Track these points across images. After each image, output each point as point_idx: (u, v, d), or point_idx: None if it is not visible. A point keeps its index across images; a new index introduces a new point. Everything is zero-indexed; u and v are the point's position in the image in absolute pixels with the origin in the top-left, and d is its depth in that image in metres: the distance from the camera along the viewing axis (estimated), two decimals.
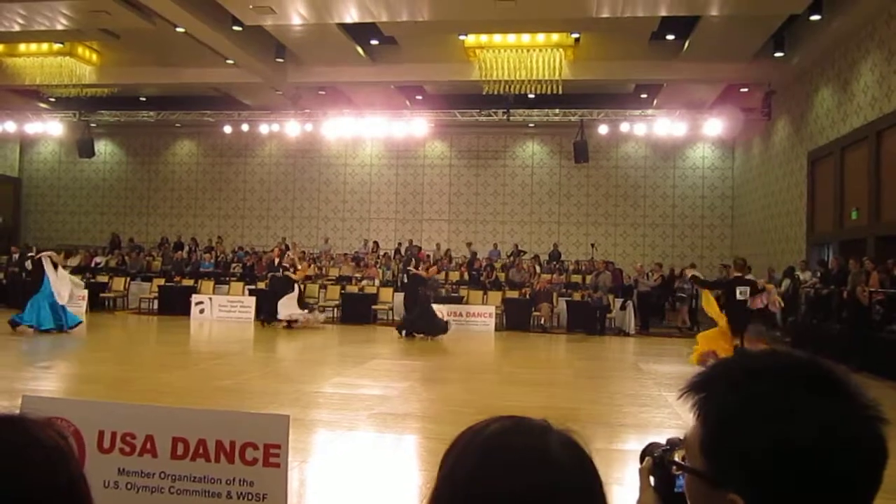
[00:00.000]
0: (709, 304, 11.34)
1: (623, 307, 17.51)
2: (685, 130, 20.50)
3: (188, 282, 19.63)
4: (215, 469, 3.44)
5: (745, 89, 19.92)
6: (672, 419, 7.57)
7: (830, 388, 0.87)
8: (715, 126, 20.01)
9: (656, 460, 1.12)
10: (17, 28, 16.64)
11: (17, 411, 0.92)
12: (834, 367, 0.90)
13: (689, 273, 12.01)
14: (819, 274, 14.66)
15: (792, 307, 15.20)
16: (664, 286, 18.74)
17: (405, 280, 14.62)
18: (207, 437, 3.45)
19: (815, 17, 14.77)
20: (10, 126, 23.25)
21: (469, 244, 22.87)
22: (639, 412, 7.99)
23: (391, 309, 18.40)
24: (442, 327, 14.73)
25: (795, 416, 0.84)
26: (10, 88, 21.99)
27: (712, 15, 14.75)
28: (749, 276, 11.55)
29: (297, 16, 15.30)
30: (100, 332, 15.61)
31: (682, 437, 1.13)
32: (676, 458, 1.07)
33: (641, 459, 1.17)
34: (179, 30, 16.20)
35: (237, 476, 3.42)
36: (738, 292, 10.97)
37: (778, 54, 16.96)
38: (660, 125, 20.30)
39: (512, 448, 0.89)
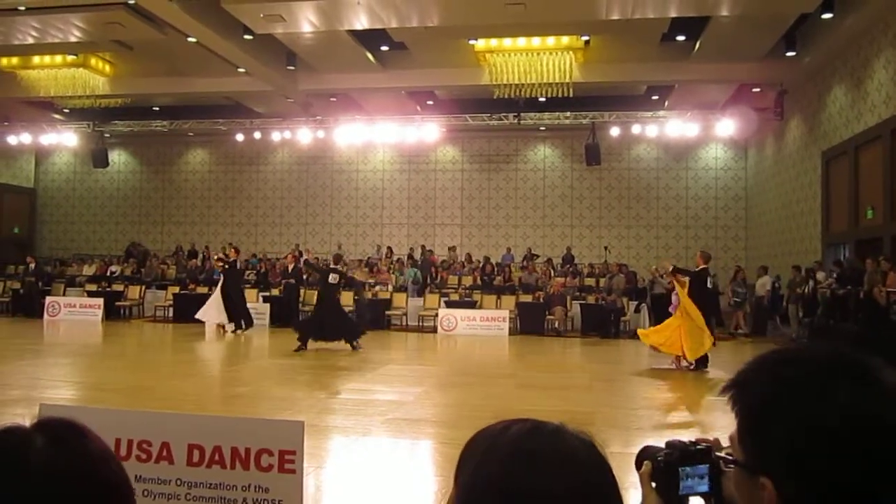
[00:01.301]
0: (684, 295, 11.28)
1: (637, 310, 17.45)
2: (697, 131, 20.41)
3: (202, 289, 19.72)
4: (231, 476, 3.45)
5: (758, 89, 19.82)
6: (687, 422, 7.53)
7: (862, 374, 0.88)
8: (727, 127, 19.91)
9: (658, 464, 1.12)
10: (31, 41, 16.81)
11: (35, 420, 0.94)
12: (868, 356, 0.90)
13: (668, 265, 11.99)
14: (835, 274, 14.54)
15: (809, 308, 15.11)
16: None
17: (332, 282, 13.54)
18: (223, 444, 3.46)
19: (827, 16, 14.67)
20: (25, 138, 23.47)
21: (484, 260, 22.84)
22: (655, 416, 7.95)
23: (405, 314, 18.43)
24: (358, 329, 13.84)
25: (824, 398, 0.86)
26: (25, 100, 22.22)
27: (723, 15, 14.70)
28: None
29: (307, 23, 15.37)
30: (115, 341, 15.71)
31: (688, 440, 1.13)
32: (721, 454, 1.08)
33: (638, 463, 1.16)
34: (191, 40, 16.32)
35: (253, 482, 3.43)
36: (708, 281, 11.96)
37: (790, 53, 16.86)
38: (671, 126, 20.22)
39: (539, 448, 0.91)
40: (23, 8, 14.81)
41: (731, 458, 0.99)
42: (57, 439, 0.89)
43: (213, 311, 15.85)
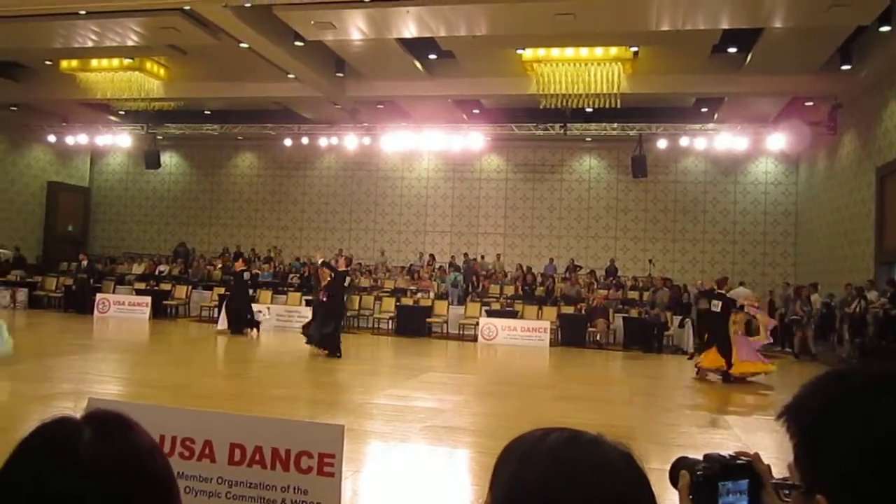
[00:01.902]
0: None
1: (681, 325, 17.19)
2: (747, 145, 20.07)
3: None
4: (271, 476, 3.50)
5: (810, 103, 19.40)
6: (731, 440, 7.39)
7: None
8: (778, 141, 19.53)
9: (697, 478, 1.09)
10: (90, 44, 17.30)
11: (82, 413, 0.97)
12: None
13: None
14: (889, 294, 14.14)
15: (858, 327, 14.71)
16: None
17: (333, 281, 13.04)
18: (264, 445, 3.51)
19: (885, 28, 14.30)
20: (81, 138, 24.16)
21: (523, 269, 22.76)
22: (696, 432, 7.82)
23: (446, 322, 18.46)
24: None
25: (876, 417, 0.85)
26: (83, 102, 22.87)
27: (776, 27, 14.45)
28: (721, 291, 12.63)
29: (356, 31, 15.54)
30: (161, 339, 16.03)
31: (725, 453, 1.11)
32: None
33: (673, 476, 1.13)
34: (243, 45, 16.62)
35: (292, 483, 3.47)
36: (711, 304, 12.48)
37: (845, 67, 16.48)
38: (721, 139, 19.92)
39: (577, 458, 0.90)
40: (83, 12, 15.25)
41: (788, 483, 0.98)
42: (105, 431, 0.91)
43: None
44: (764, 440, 7.70)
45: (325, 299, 13.12)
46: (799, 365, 15.64)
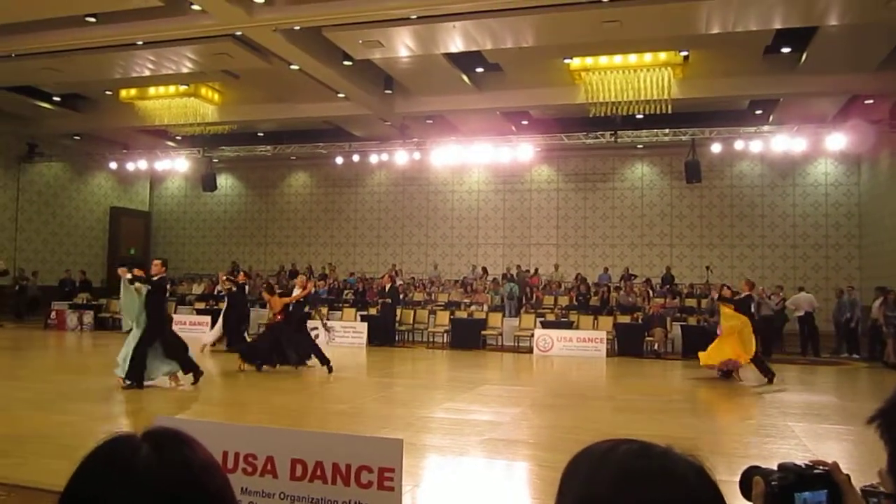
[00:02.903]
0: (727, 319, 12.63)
1: None
2: (805, 146, 19.53)
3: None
4: (332, 491, 3.53)
5: (871, 101, 18.81)
6: (799, 450, 7.16)
7: None
8: (838, 140, 18.95)
9: (772, 488, 1.05)
10: (147, 73, 17.87)
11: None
12: None
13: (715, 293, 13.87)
14: None
15: None
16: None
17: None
18: (324, 460, 3.54)
19: None
20: (141, 164, 24.92)
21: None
22: (762, 443, 7.60)
23: (500, 334, 18.39)
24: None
25: None
26: (141, 129, 23.63)
27: (831, 25, 14.08)
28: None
29: (404, 48, 15.70)
30: (220, 356, 16.32)
31: (801, 463, 1.07)
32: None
33: (743, 486, 1.09)
34: (293, 67, 16.95)
35: (353, 498, 3.49)
36: (751, 307, 13.44)
37: None
38: (777, 142, 19.44)
39: (648, 470, 0.89)
40: (140, 42, 15.79)
41: (879, 490, 0.94)
42: (161, 448, 0.93)
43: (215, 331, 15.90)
44: (834, 449, 7.45)
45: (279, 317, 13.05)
46: (869, 371, 15.10)
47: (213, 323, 16.74)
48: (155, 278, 10.61)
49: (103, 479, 0.90)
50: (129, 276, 10.66)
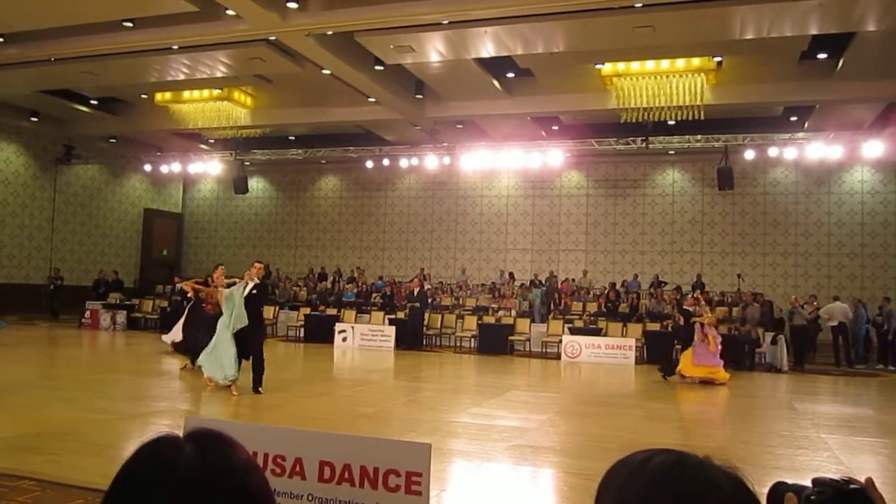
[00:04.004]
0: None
1: (774, 341, 16.54)
2: (840, 153, 19.21)
3: (332, 311, 20.42)
4: (359, 494, 3.54)
5: None
6: (831, 463, 7.04)
7: None
8: (875, 148, 18.61)
9: (813, 503, 1.02)
10: (181, 77, 18.14)
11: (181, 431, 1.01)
12: None
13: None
14: None
15: None
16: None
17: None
18: (352, 462, 3.56)
19: None
20: (175, 167, 25.27)
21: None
22: (794, 454, 7.48)
23: (528, 340, 18.33)
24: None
25: None
26: (175, 132, 23.98)
27: (869, 30, 13.85)
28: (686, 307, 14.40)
29: (435, 53, 15.75)
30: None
31: (837, 478, 1.04)
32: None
33: (775, 500, 1.06)
34: (325, 72, 17.09)
35: (380, 502, 3.50)
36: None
37: None
38: (812, 149, 19.15)
39: (681, 478, 0.87)
40: (176, 47, 16.03)
41: None
42: (204, 449, 0.94)
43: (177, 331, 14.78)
44: (869, 463, 7.31)
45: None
46: (884, 381, 14.81)
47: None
48: (255, 282, 10.37)
49: (147, 480, 0.91)
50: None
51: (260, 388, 10.21)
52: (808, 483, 1.06)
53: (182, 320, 14.32)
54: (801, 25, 13.64)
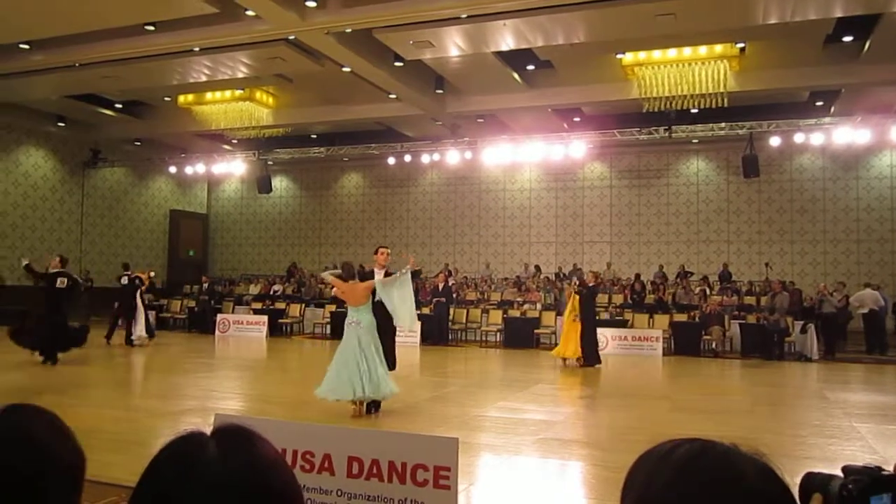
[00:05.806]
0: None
1: (804, 330, 16.33)
2: (869, 138, 18.89)
3: None
4: (388, 489, 3.56)
5: None
6: (865, 452, 6.94)
7: None
8: None
9: (848, 492, 1.01)
10: (203, 78, 18.31)
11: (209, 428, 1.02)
12: None
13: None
14: None
15: None
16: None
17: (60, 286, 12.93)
18: (380, 458, 3.57)
19: None
20: (199, 168, 25.51)
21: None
22: (826, 444, 7.39)
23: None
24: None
25: None
26: (199, 133, 24.20)
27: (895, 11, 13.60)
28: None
29: (454, 48, 15.72)
30: (278, 356, 16.62)
31: (871, 465, 1.03)
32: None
33: (804, 493, 1.05)
34: (346, 69, 17.14)
35: (409, 496, 3.51)
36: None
37: None
38: (839, 134, 18.84)
39: (708, 469, 0.86)
40: (197, 49, 16.17)
41: None
42: (229, 446, 0.95)
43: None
44: None
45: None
46: None
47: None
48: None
49: (170, 477, 0.92)
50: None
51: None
52: (839, 472, 1.05)
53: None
54: (825, 8, 13.42)
